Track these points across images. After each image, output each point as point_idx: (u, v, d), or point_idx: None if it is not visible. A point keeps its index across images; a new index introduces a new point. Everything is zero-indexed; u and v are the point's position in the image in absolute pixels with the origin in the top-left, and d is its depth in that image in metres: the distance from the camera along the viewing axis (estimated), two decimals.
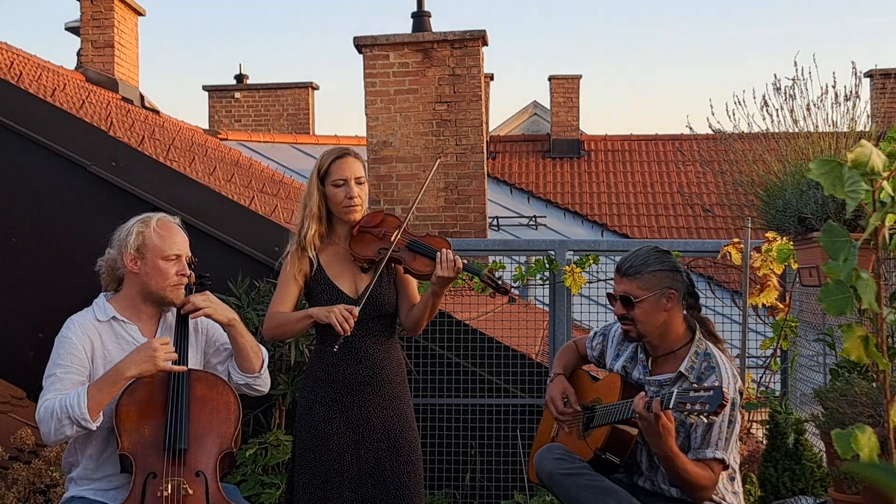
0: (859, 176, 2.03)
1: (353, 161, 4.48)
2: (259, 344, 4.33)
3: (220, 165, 9.90)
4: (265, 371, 4.32)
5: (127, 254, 4.12)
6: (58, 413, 3.81)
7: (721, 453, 3.99)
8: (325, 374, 4.43)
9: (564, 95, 21.47)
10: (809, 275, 4.52)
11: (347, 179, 4.42)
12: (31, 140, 6.59)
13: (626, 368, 4.37)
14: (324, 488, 4.34)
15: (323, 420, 4.39)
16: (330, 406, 4.40)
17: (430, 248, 4.42)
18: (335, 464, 4.35)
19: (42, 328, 6.20)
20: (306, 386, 4.49)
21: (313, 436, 4.39)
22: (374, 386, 4.43)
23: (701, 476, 3.97)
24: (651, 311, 4.13)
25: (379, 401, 4.44)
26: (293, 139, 18.19)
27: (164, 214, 4.29)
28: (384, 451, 4.40)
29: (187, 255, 4.21)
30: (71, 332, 4.08)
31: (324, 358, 4.45)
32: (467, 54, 11.35)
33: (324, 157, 4.52)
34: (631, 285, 4.13)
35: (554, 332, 6.41)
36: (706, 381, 4.06)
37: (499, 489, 6.39)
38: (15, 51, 10.34)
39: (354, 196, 4.42)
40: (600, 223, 19.15)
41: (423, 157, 10.97)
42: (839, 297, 2.02)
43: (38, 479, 5.25)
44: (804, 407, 6.06)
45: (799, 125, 4.59)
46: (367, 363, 4.43)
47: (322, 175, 4.47)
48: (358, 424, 4.40)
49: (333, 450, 4.36)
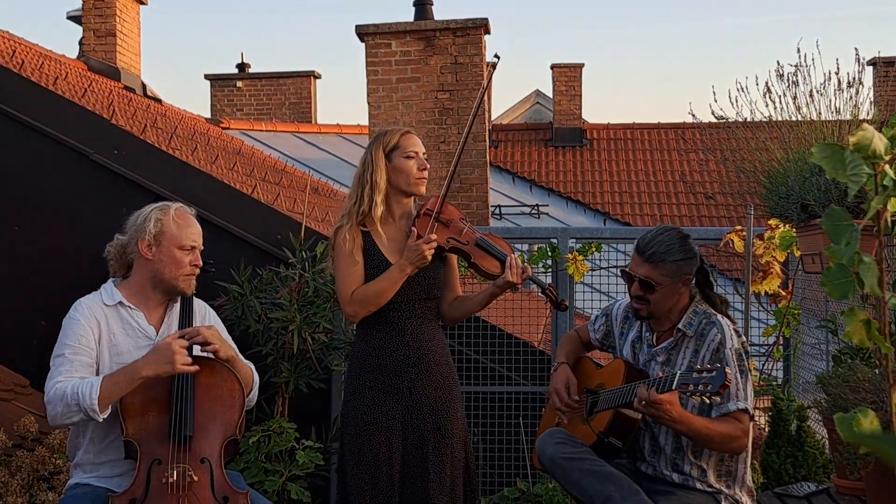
0: (861, 160, 2.04)
1: (418, 138, 4.57)
2: (250, 367, 4.35)
3: (223, 154, 9.90)
4: (252, 395, 4.33)
5: (143, 240, 4.12)
6: (69, 399, 3.82)
7: (743, 403, 4.02)
8: (373, 358, 4.45)
9: (567, 84, 21.42)
10: (812, 261, 4.52)
11: (419, 152, 4.49)
12: (34, 128, 6.58)
13: (634, 347, 4.39)
14: (374, 473, 4.36)
15: (373, 403, 4.42)
16: (380, 389, 4.42)
17: (499, 251, 4.47)
18: (384, 446, 4.38)
19: (45, 316, 6.21)
20: (353, 372, 4.50)
21: (365, 420, 4.41)
22: (422, 368, 4.46)
23: (728, 430, 4.00)
24: (667, 296, 4.17)
25: (427, 382, 4.46)
26: (295, 128, 18.17)
27: (182, 204, 4.29)
28: (430, 432, 4.43)
29: (201, 248, 4.22)
30: (79, 314, 4.09)
31: (371, 342, 4.47)
32: (469, 42, 11.34)
33: (388, 134, 4.56)
34: (654, 272, 4.15)
35: (556, 320, 6.41)
36: (707, 335, 4.12)
37: (501, 477, 6.40)
38: (17, 39, 10.33)
39: (427, 168, 4.49)
40: (602, 212, 19.11)
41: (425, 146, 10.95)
42: (841, 280, 2.02)
43: (42, 467, 5.26)
44: (806, 394, 6.07)
45: (802, 112, 4.60)
46: (415, 346, 4.45)
47: (390, 150, 4.49)
48: (407, 406, 4.43)
49: (383, 433, 4.38)
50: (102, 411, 3.85)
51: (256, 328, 5.77)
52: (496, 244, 4.50)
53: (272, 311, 5.77)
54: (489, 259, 4.46)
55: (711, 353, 4.09)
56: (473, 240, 4.49)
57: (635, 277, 4.21)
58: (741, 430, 4.03)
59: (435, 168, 11.23)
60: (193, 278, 4.19)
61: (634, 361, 4.37)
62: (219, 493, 3.91)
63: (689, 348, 4.18)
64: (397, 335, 4.43)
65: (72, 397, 3.82)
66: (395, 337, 4.43)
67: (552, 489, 5.97)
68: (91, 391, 3.81)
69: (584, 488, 4.08)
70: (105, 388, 3.84)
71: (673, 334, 4.23)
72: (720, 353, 4.07)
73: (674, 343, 4.21)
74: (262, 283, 5.96)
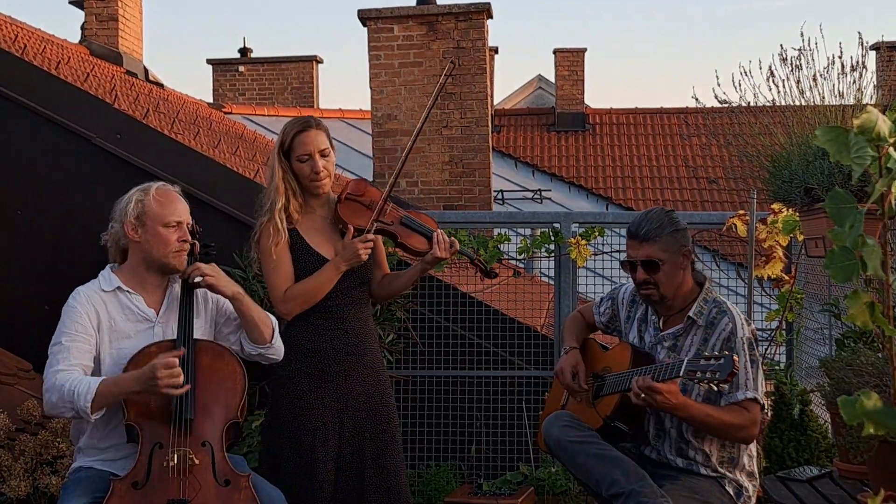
0: (865, 142, 2.03)
1: (316, 133, 4.40)
2: (267, 313, 4.32)
3: (225, 139, 9.89)
4: (277, 339, 4.29)
5: (127, 222, 4.12)
6: (65, 395, 3.83)
7: (752, 393, 4.03)
8: (309, 343, 4.42)
9: (569, 69, 21.40)
10: (815, 246, 4.51)
11: (311, 154, 4.37)
12: (36, 113, 6.57)
13: (641, 331, 4.39)
14: (309, 457, 4.35)
15: (307, 391, 4.40)
16: (314, 376, 4.41)
17: (425, 227, 4.47)
18: (319, 433, 4.37)
19: (48, 300, 6.21)
20: (286, 357, 4.39)
21: (297, 406, 4.40)
22: (357, 355, 4.46)
23: (732, 419, 4.02)
24: (673, 272, 4.18)
25: (361, 369, 4.47)
26: (297, 113, 18.06)
27: (163, 183, 4.27)
28: (364, 419, 4.44)
29: (188, 222, 4.19)
30: (77, 302, 4.09)
31: (304, 329, 4.43)
32: (472, 27, 11.33)
33: (286, 130, 4.44)
34: (652, 248, 4.16)
35: (559, 304, 6.41)
36: (718, 324, 4.13)
37: (504, 461, 6.41)
38: (19, 24, 10.32)
39: (320, 171, 4.37)
40: (605, 197, 19.10)
41: (427, 131, 10.94)
42: (845, 263, 2.01)
43: (45, 451, 5.27)
44: (809, 379, 6.07)
45: (805, 96, 4.58)
46: (353, 332, 4.45)
47: (286, 150, 4.40)
48: (342, 394, 4.42)
49: (317, 419, 4.38)
50: (94, 413, 3.85)
51: None
52: (421, 221, 4.49)
53: None
54: (415, 237, 4.45)
55: (722, 341, 4.09)
56: (398, 219, 4.47)
57: (637, 262, 4.20)
58: (749, 420, 4.03)
59: (437, 153, 11.24)
60: (184, 254, 4.16)
61: (641, 345, 4.36)
62: (220, 476, 3.91)
63: (698, 336, 4.18)
64: (336, 322, 4.41)
65: (68, 393, 3.82)
66: (333, 324, 4.41)
67: (555, 473, 5.98)
68: (87, 392, 3.81)
69: (589, 472, 4.08)
70: (100, 394, 3.83)
71: (683, 320, 4.22)
72: (731, 342, 4.07)
73: (682, 329, 4.21)
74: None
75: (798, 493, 4.00)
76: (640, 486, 3.91)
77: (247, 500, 3.88)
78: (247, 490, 3.90)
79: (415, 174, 11.17)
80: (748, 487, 4.20)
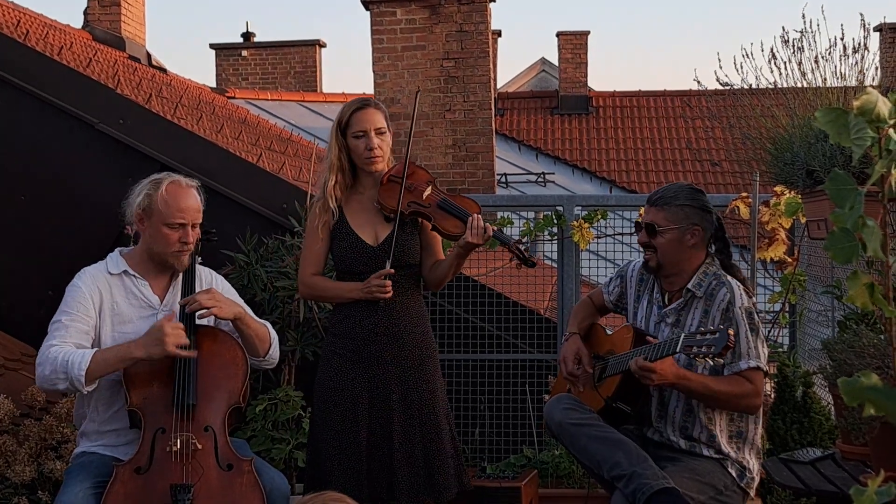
0: (865, 123, 2.02)
1: (374, 112, 4.48)
2: (267, 326, 4.33)
3: (228, 123, 9.88)
4: (273, 351, 4.33)
5: (136, 212, 4.13)
6: (58, 365, 3.83)
7: (755, 361, 4.05)
8: (343, 326, 4.48)
9: (572, 52, 21.33)
10: (818, 228, 4.50)
11: (367, 131, 4.43)
12: (39, 98, 6.58)
13: (647, 309, 4.41)
14: (340, 439, 4.39)
15: (338, 372, 4.45)
16: (347, 357, 4.45)
17: (461, 210, 4.44)
18: (349, 413, 4.40)
19: (51, 286, 6.21)
20: (326, 340, 4.57)
21: (329, 387, 4.45)
22: (391, 337, 4.46)
23: (733, 388, 4.05)
24: (673, 244, 4.19)
25: (396, 352, 4.46)
26: (301, 97, 18.13)
27: (180, 177, 4.21)
28: (396, 402, 4.43)
29: (195, 223, 4.16)
30: (81, 282, 4.10)
31: (341, 311, 4.51)
32: (475, 10, 11.31)
33: (344, 108, 4.54)
34: (658, 215, 4.20)
35: (562, 287, 6.41)
36: (717, 295, 4.14)
37: (507, 444, 6.42)
38: (21, 9, 10.31)
39: (374, 147, 4.44)
40: (609, 179, 19.06)
41: (430, 115, 10.95)
42: (845, 245, 2.01)
43: (50, 436, 5.28)
44: (812, 361, 6.07)
45: (807, 78, 4.57)
46: (384, 314, 4.44)
47: (343, 127, 4.48)
48: (374, 376, 4.44)
49: (347, 400, 4.41)
50: (88, 384, 3.86)
51: (262, 297, 5.77)
52: (461, 204, 4.47)
53: (278, 279, 5.77)
54: (450, 220, 4.44)
55: (721, 312, 4.11)
56: (435, 202, 4.47)
57: (642, 224, 4.24)
58: (751, 389, 4.05)
59: (440, 136, 11.23)
60: (185, 255, 4.14)
61: (647, 323, 4.37)
62: (223, 461, 3.93)
63: (699, 309, 4.19)
64: (368, 304, 4.42)
65: (61, 364, 3.83)
66: (365, 306, 4.42)
67: (558, 456, 5.99)
68: (81, 361, 3.83)
69: (591, 454, 4.09)
70: (95, 363, 3.85)
71: (682, 295, 4.24)
72: (730, 312, 4.08)
73: (683, 304, 4.23)
74: (268, 252, 5.96)
75: (801, 475, 4.00)
76: (642, 468, 3.92)
77: (249, 484, 3.90)
78: (249, 474, 3.92)
79: (418, 158, 11.16)
80: (752, 468, 4.21)
